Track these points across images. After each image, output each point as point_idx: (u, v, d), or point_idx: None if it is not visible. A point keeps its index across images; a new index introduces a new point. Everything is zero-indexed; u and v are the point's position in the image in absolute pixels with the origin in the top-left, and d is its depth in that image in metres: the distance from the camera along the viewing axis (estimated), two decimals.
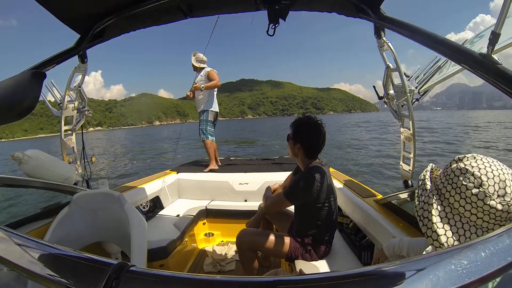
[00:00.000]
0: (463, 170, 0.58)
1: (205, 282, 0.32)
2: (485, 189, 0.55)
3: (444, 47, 0.79)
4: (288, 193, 1.38)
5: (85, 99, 1.76)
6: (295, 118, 1.49)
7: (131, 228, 1.20)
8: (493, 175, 0.56)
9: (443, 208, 0.60)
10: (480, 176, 0.56)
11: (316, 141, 1.41)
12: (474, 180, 0.56)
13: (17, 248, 0.36)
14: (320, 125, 1.40)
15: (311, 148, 1.42)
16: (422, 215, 0.61)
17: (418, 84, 1.43)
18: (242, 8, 1.28)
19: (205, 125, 3.00)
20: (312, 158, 1.45)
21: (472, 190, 0.56)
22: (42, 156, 1.44)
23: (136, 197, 1.98)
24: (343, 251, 1.53)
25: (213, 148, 3.00)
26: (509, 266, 0.27)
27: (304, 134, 1.42)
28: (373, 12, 1.08)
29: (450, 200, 0.60)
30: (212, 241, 2.34)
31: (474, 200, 0.56)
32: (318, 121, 1.42)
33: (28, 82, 0.91)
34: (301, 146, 1.42)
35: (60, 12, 1.13)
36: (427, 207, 0.61)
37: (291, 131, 1.46)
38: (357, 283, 0.28)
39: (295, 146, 1.44)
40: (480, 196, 0.55)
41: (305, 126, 1.42)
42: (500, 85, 0.63)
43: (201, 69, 3.02)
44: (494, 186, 0.55)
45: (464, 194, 0.57)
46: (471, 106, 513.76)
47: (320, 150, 1.44)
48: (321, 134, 1.40)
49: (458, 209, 0.58)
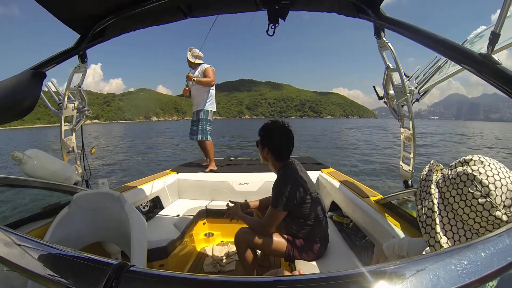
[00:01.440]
0: (470, 177, 0.55)
1: (205, 282, 0.32)
2: (492, 199, 0.52)
3: (444, 47, 0.78)
4: (278, 203, 1.36)
5: (85, 99, 1.76)
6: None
7: (131, 228, 1.20)
8: (501, 184, 0.53)
9: (446, 214, 0.58)
10: (488, 185, 0.53)
11: (284, 144, 1.44)
12: (481, 189, 0.53)
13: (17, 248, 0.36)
14: (287, 128, 1.44)
15: (279, 151, 1.46)
16: (425, 222, 0.59)
17: (418, 84, 1.44)
18: (242, 8, 1.28)
19: (205, 124, 2.92)
20: (282, 161, 1.47)
21: (478, 199, 0.53)
22: (42, 156, 1.44)
23: (136, 197, 1.98)
24: (343, 251, 1.53)
25: (212, 148, 2.96)
26: (509, 266, 0.27)
27: (271, 138, 1.46)
28: (373, 12, 1.08)
29: (454, 206, 0.57)
30: (212, 241, 2.34)
31: (479, 209, 0.54)
32: (285, 124, 1.45)
33: (28, 82, 0.91)
34: (269, 150, 1.45)
35: (60, 12, 1.13)
36: (431, 214, 0.59)
37: (259, 136, 1.49)
38: (357, 283, 0.28)
39: (264, 150, 1.47)
40: (486, 206, 0.53)
41: (272, 130, 1.46)
42: (500, 85, 0.63)
43: (197, 65, 2.94)
44: (501, 196, 0.52)
45: (469, 202, 0.55)
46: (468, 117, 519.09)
47: (289, 152, 1.47)
48: (288, 137, 1.44)
49: (462, 216, 0.56)
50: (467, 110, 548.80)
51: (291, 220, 1.44)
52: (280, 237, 1.45)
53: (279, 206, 1.35)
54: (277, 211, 1.36)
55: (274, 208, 1.36)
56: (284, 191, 1.35)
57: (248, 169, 2.77)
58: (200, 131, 2.91)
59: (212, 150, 2.92)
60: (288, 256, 1.43)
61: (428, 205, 0.60)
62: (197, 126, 2.92)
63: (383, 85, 1.55)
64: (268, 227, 1.42)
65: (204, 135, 2.90)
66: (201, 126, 2.91)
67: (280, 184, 1.39)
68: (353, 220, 1.67)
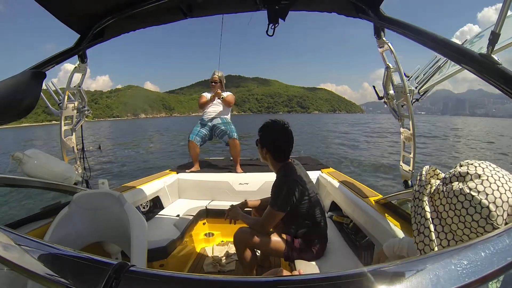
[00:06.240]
0: (468, 197, 0.51)
1: (205, 282, 0.32)
2: (493, 221, 0.49)
3: (444, 47, 0.78)
4: (277, 204, 1.36)
5: (85, 99, 1.76)
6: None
7: (131, 228, 1.20)
8: (502, 202, 0.49)
9: (444, 236, 0.55)
10: (488, 205, 0.49)
11: (283, 144, 1.44)
12: (481, 211, 0.50)
13: (17, 248, 0.36)
14: (286, 128, 1.43)
15: (278, 151, 1.45)
16: (423, 242, 0.56)
17: (418, 84, 1.44)
18: (242, 8, 1.28)
19: (232, 125, 2.93)
20: (281, 161, 1.47)
21: (479, 221, 0.50)
22: (42, 156, 1.44)
23: (136, 197, 1.98)
24: (343, 251, 1.53)
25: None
26: (509, 266, 0.27)
27: (270, 138, 1.45)
28: (373, 12, 1.08)
29: (452, 227, 0.54)
30: (212, 241, 2.34)
31: (480, 231, 0.51)
32: (284, 124, 1.45)
33: (28, 82, 0.91)
34: (268, 150, 1.45)
35: (60, 12, 1.13)
36: (428, 233, 0.55)
37: (258, 136, 1.49)
38: (357, 283, 0.28)
39: (263, 150, 1.47)
40: (487, 228, 0.50)
41: (271, 130, 1.45)
42: (500, 85, 0.63)
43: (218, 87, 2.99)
44: (503, 215, 0.49)
45: (469, 224, 0.51)
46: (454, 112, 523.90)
47: (289, 153, 1.47)
48: (287, 137, 1.44)
49: (462, 236, 0.53)
50: (453, 105, 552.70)
51: (290, 220, 1.44)
52: (279, 236, 1.45)
53: (277, 206, 1.36)
54: (275, 211, 1.36)
55: (272, 208, 1.37)
56: (282, 191, 1.35)
57: (248, 169, 2.77)
58: (230, 130, 2.86)
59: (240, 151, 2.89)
60: (287, 256, 1.43)
61: (425, 224, 0.57)
62: (226, 127, 2.88)
63: (383, 85, 1.55)
64: (266, 226, 1.43)
65: (236, 133, 2.87)
66: (229, 127, 2.89)
67: (278, 184, 1.39)
68: (353, 220, 1.67)
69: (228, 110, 3.03)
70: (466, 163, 0.57)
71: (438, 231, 0.56)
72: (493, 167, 0.55)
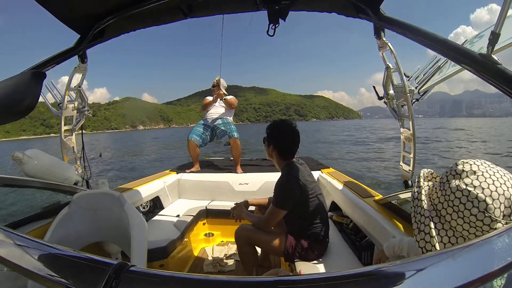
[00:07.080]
0: (465, 192, 0.52)
1: (205, 282, 0.32)
2: (491, 213, 0.50)
3: (444, 47, 0.78)
4: (279, 202, 1.38)
5: (85, 99, 1.76)
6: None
7: (131, 228, 1.20)
8: (498, 194, 0.50)
9: (445, 233, 0.56)
10: (485, 199, 0.50)
11: (289, 143, 1.46)
12: (478, 204, 0.51)
13: (17, 248, 0.36)
14: (294, 128, 1.45)
15: (284, 150, 1.48)
16: (424, 240, 0.57)
17: (418, 84, 1.44)
18: (242, 8, 1.28)
19: (233, 125, 2.92)
20: (286, 159, 1.49)
21: (477, 215, 0.51)
22: (42, 156, 1.44)
23: (136, 197, 1.98)
24: (343, 251, 1.53)
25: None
26: (509, 266, 0.27)
27: (277, 136, 1.48)
28: (373, 12, 1.08)
29: (452, 223, 0.55)
30: (212, 241, 2.34)
31: (479, 225, 0.51)
32: (292, 124, 1.47)
33: (28, 82, 0.91)
34: (274, 148, 1.47)
35: (60, 12, 1.13)
36: (428, 230, 0.56)
37: (266, 133, 1.52)
38: (357, 283, 0.28)
39: (269, 147, 1.49)
40: (486, 221, 0.51)
41: (279, 129, 1.48)
42: (500, 85, 0.63)
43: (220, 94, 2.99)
44: (500, 207, 0.50)
45: (468, 219, 0.52)
46: (452, 114, 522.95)
47: (294, 152, 1.49)
48: (294, 137, 1.46)
49: (462, 232, 0.54)
50: (450, 107, 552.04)
51: (292, 219, 1.44)
52: (279, 234, 1.45)
53: (279, 205, 1.37)
54: (277, 209, 1.38)
55: (274, 206, 1.39)
56: (284, 190, 1.37)
57: (248, 169, 2.77)
58: (230, 130, 2.84)
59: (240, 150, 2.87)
60: (287, 254, 1.43)
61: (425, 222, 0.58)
62: (226, 127, 2.87)
63: (383, 85, 1.55)
64: (268, 223, 1.46)
65: (237, 133, 2.86)
66: (230, 127, 2.87)
67: (281, 183, 1.40)
68: (353, 220, 1.67)
69: (231, 112, 3.02)
70: (461, 162, 0.59)
71: (438, 228, 0.57)
72: (487, 164, 0.56)
